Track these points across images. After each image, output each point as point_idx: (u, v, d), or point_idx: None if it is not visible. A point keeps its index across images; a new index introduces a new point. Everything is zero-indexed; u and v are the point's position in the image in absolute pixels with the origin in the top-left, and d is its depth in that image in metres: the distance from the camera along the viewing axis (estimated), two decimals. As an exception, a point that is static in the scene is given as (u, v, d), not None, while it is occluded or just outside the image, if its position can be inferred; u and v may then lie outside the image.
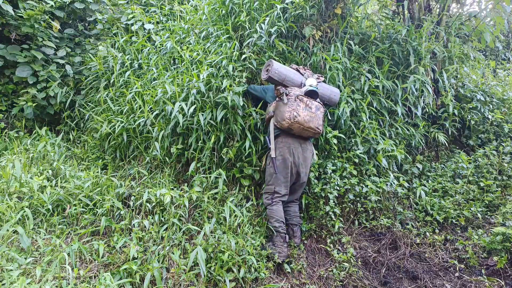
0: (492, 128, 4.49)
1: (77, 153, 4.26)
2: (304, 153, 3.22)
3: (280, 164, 3.16)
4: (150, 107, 3.84)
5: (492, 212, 3.58)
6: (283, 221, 3.12)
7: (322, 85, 3.39)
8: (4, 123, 4.74)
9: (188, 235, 3.03)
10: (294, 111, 3.05)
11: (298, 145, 3.20)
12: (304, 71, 3.41)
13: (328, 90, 3.40)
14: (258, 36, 3.68)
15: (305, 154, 3.24)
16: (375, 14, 4.92)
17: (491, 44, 4.30)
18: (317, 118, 3.11)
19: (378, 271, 3.03)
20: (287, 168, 3.16)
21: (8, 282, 2.22)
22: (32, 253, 2.62)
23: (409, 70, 3.92)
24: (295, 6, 3.77)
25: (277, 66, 3.20)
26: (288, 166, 3.15)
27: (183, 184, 3.58)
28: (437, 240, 3.26)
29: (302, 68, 3.42)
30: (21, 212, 2.84)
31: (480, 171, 3.89)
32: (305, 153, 3.23)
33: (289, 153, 3.17)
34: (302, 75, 3.35)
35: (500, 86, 4.92)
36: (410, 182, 3.88)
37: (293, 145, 3.18)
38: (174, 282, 2.58)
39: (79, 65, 5.14)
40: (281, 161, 3.16)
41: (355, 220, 3.49)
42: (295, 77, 3.27)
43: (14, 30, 4.80)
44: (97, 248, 2.71)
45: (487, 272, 2.85)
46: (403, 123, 3.96)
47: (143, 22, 4.98)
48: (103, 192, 3.31)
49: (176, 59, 4.30)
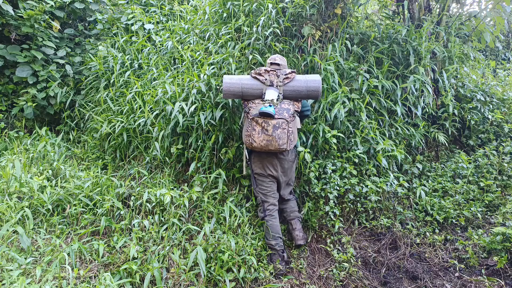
0: (492, 128, 4.49)
1: (77, 153, 4.26)
2: (281, 164, 3.08)
3: (258, 177, 3.12)
4: (150, 107, 3.84)
5: (492, 212, 3.58)
6: (280, 236, 3.05)
7: (295, 82, 2.98)
8: (4, 123, 4.74)
9: (188, 235, 3.03)
10: (250, 137, 2.87)
11: (272, 158, 3.06)
12: (267, 75, 2.97)
13: (304, 86, 2.96)
14: (255, 37, 3.68)
15: (283, 164, 3.09)
16: (375, 14, 4.92)
17: (491, 44, 4.30)
18: (276, 139, 2.81)
19: (378, 271, 3.03)
20: (265, 182, 3.10)
21: (8, 282, 2.22)
22: (32, 253, 2.62)
23: (409, 70, 3.92)
24: (295, 5, 3.77)
25: (227, 84, 2.92)
26: (266, 179, 3.10)
27: (183, 184, 3.58)
28: (437, 240, 3.26)
29: (265, 72, 2.97)
30: (21, 212, 2.85)
31: (480, 171, 3.89)
32: (283, 164, 3.08)
33: (263, 168, 3.07)
34: (263, 83, 2.96)
35: (500, 86, 4.92)
36: (410, 182, 3.88)
37: (267, 160, 3.06)
38: (174, 282, 2.58)
39: (79, 65, 5.14)
40: (258, 175, 3.12)
41: (355, 220, 3.49)
42: (253, 88, 2.95)
43: (14, 30, 4.80)
44: (97, 248, 2.71)
45: (487, 272, 2.85)
46: (403, 123, 3.96)
47: (143, 22, 4.98)
48: (103, 192, 3.32)
49: (176, 59, 4.31)
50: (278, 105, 2.90)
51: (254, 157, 3.12)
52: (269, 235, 3.02)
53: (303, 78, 3.00)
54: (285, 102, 2.94)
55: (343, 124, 3.61)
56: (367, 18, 4.61)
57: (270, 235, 3.02)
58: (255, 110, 2.90)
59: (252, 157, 3.14)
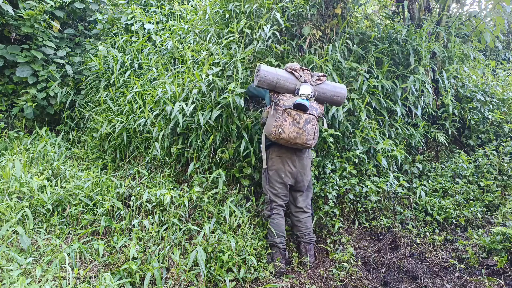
0: (492, 128, 4.49)
1: (77, 153, 4.26)
2: (300, 161, 3.06)
3: (273, 174, 3.07)
4: (150, 107, 3.84)
5: (492, 212, 3.58)
6: (284, 235, 3.03)
7: (325, 85, 3.10)
8: (4, 123, 4.74)
9: (188, 235, 3.03)
10: (279, 127, 2.86)
11: (292, 154, 3.04)
12: (302, 73, 3.07)
13: (332, 90, 3.10)
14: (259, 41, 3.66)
15: (303, 161, 3.08)
16: (375, 14, 4.92)
17: (491, 44, 4.30)
18: (306, 133, 2.86)
19: (378, 271, 3.03)
20: (281, 178, 3.05)
21: (8, 282, 2.22)
22: (32, 253, 2.62)
23: (409, 70, 3.92)
24: (295, 5, 3.77)
25: (265, 72, 2.94)
26: (282, 176, 3.05)
27: (183, 184, 3.58)
28: (437, 240, 3.26)
29: (300, 70, 3.08)
30: (21, 212, 2.84)
31: (480, 171, 3.89)
32: (302, 160, 3.07)
33: (282, 163, 3.04)
34: (297, 79, 3.03)
35: (500, 86, 4.92)
36: (410, 182, 3.88)
37: (286, 155, 3.04)
38: (174, 282, 2.58)
39: (79, 65, 5.14)
40: (274, 172, 3.07)
41: (355, 220, 3.49)
42: (288, 82, 3.00)
43: (14, 30, 4.80)
44: (97, 248, 2.71)
45: (487, 272, 2.85)
46: (403, 123, 3.96)
47: (143, 22, 4.98)
48: (103, 192, 3.32)
49: (176, 59, 4.30)
50: (311, 101, 2.98)
51: (273, 152, 3.09)
52: (273, 233, 3.01)
53: (332, 84, 3.17)
54: (314, 102, 3.03)
55: (342, 124, 3.61)
56: (367, 18, 4.61)
57: (274, 233, 3.00)
58: (286, 102, 2.94)
59: (270, 152, 3.10)
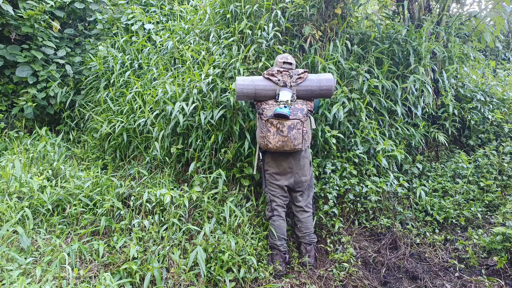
0: (492, 128, 4.49)
1: (77, 153, 4.26)
2: (297, 162, 3.04)
3: (269, 177, 3.10)
4: (150, 107, 3.84)
5: (492, 212, 3.58)
6: (284, 237, 3.03)
7: (308, 81, 3.00)
8: (4, 123, 4.74)
9: (188, 235, 3.03)
10: (265, 139, 2.87)
11: (286, 156, 3.03)
12: (280, 76, 2.97)
13: (316, 85, 2.98)
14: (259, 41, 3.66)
15: (299, 162, 3.05)
16: (375, 14, 4.92)
17: (491, 44, 4.30)
18: (292, 140, 2.83)
19: (378, 271, 3.03)
20: (277, 181, 3.06)
21: (8, 282, 2.22)
22: (32, 253, 2.62)
23: (409, 70, 3.92)
24: (295, 5, 3.77)
25: (240, 86, 2.92)
26: (278, 179, 3.06)
27: (183, 184, 3.58)
28: (437, 240, 3.26)
29: (278, 73, 2.97)
30: (21, 212, 2.85)
31: (480, 171, 3.89)
32: (298, 161, 3.05)
33: (278, 166, 3.04)
34: (276, 84, 2.96)
35: (500, 86, 4.92)
36: (410, 182, 3.88)
37: (281, 158, 3.03)
38: (174, 282, 2.58)
39: (79, 65, 5.14)
40: (270, 175, 3.09)
41: (355, 220, 3.49)
42: (266, 89, 2.95)
43: (14, 30, 4.81)
44: (97, 248, 2.71)
45: (487, 272, 2.85)
46: (403, 123, 3.96)
47: (143, 22, 4.98)
48: (103, 192, 3.32)
49: (176, 59, 4.30)
50: (292, 105, 2.91)
51: (268, 157, 3.09)
52: (274, 236, 3.00)
53: (316, 77, 3.02)
54: (299, 102, 2.95)
55: (342, 124, 3.61)
56: (367, 18, 4.60)
57: (275, 235, 3.00)
58: (269, 111, 2.89)
59: (266, 157, 3.12)
